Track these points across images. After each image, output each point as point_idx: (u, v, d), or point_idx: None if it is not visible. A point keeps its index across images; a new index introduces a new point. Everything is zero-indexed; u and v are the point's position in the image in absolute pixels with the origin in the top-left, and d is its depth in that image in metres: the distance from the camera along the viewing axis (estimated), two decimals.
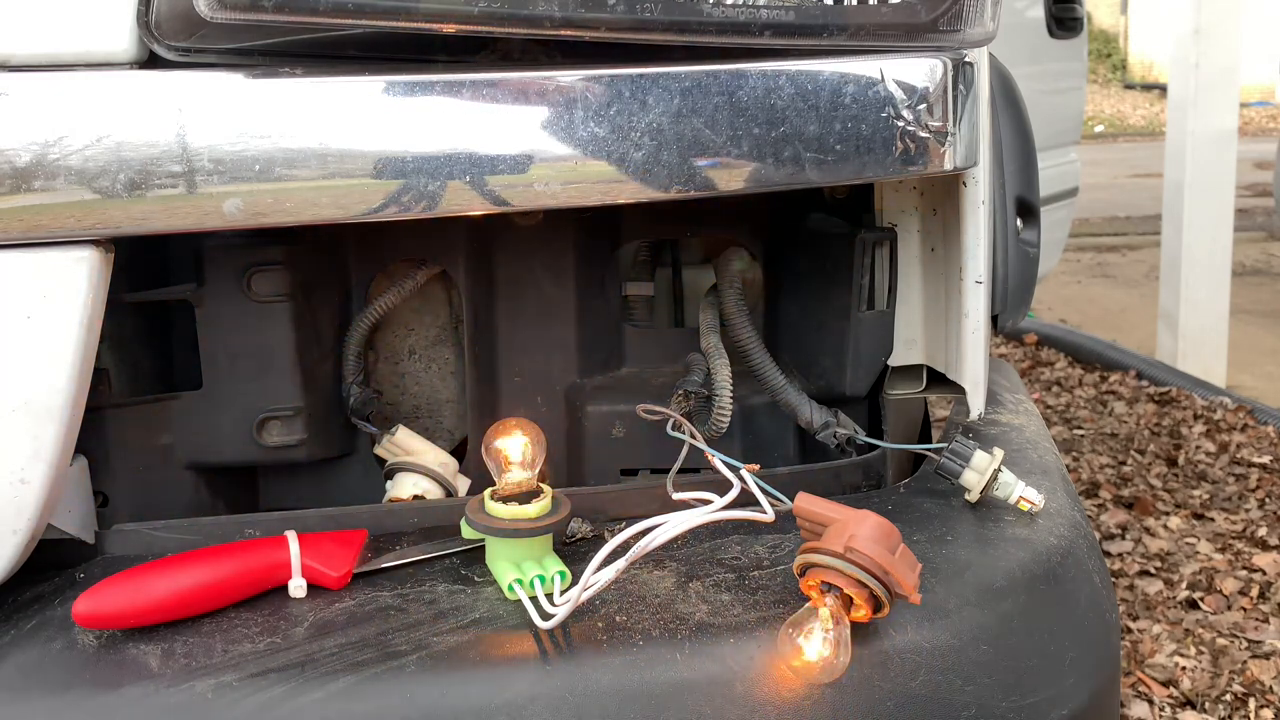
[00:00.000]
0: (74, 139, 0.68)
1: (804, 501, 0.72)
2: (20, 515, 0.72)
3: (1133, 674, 1.95)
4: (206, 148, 0.69)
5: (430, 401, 1.09)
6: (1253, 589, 2.27)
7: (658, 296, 1.13)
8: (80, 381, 0.72)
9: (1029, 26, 2.98)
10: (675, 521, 0.70)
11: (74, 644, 0.69)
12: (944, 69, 0.79)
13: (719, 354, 0.99)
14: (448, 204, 0.72)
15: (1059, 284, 5.15)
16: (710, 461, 0.81)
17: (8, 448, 0.71)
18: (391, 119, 0.71)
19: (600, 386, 1.05)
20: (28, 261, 0.69)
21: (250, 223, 0.71)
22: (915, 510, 0.84)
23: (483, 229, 1.00)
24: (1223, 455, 3.03)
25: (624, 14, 0.70)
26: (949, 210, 0.91)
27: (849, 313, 0.95)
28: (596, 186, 0.74)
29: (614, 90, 0.73)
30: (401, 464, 0.98)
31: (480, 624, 0.70)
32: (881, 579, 0.65)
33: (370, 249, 1.03)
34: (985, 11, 0.80)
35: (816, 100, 0.76)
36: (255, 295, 0.94)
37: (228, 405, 0.95)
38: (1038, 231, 2.08)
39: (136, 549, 0.82)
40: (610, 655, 0.67)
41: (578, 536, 0.82)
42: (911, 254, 0.97)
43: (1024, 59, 2.79)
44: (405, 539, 0.83)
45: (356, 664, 0.66)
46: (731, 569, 0.76)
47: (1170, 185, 3.88)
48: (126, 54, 0.70)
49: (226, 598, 0.73)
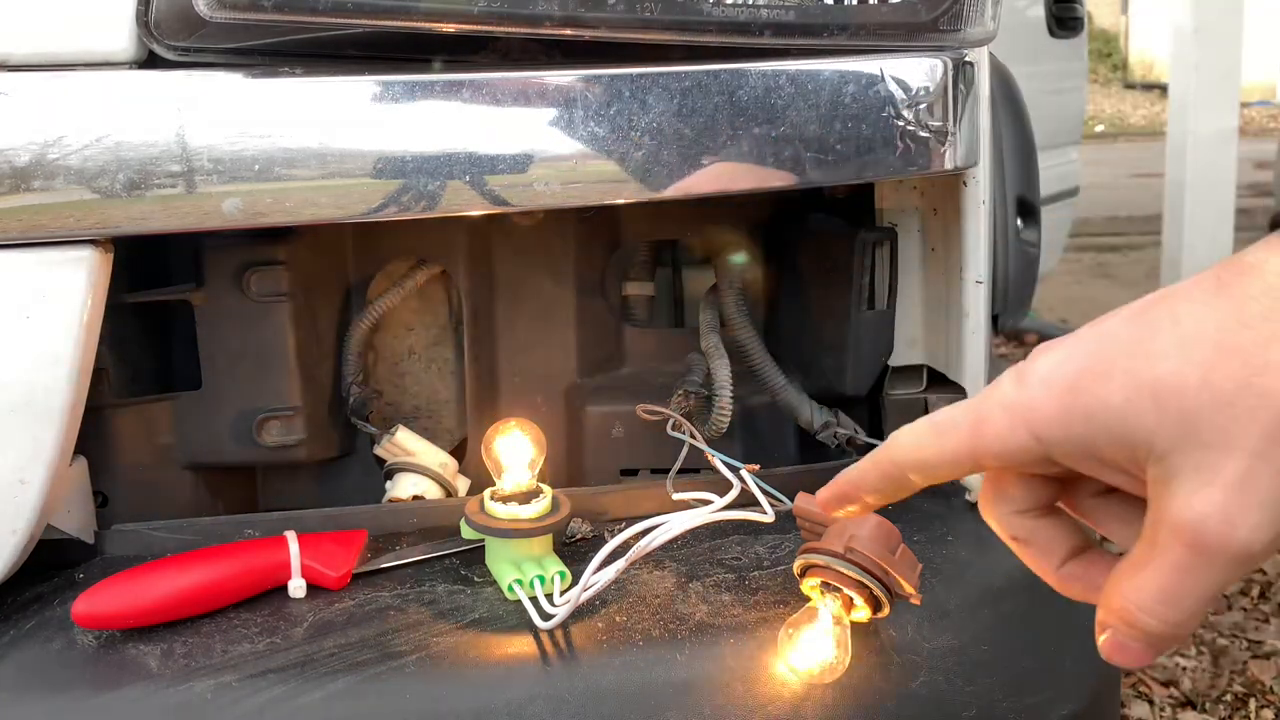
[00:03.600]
0: (73, 138, 0.68)
1: (804, 502, 0.72)
2: (19, 515, 0.72)
3: (1133, 674, 1.95)
4: (206, 147, 0.69)
5: (430, 401, 1.09)
6: (1253, 589, 2.27)
7: (658, 296, 1.13)
8: (80, 381, 0.72)
9: (1029, 26, 2.98)
10: (675, 522, 0.70)
11: (73, 644, 0.69)
12: (944, 69, 0.79)
13: (719, 354, 0.99)
14: (448, 204, 0.72)
15: (1059, 284, 5.15)
16: (710, 461, 0.81)
17: (7, 448, 0.71)
18: (391, 119, 0.71)
19: (600, 386, 1.05)
20: (27, 261, 0.69)
21: (250, 222, 0.71)
22: (915, 510, 0.84)
23: (483, 229, 1.00)
24: None
25: (624, 14, 0.70)
26: (949, 210, 0.91)
27: (849, 312, 0.95)
28: (596, 186, 0.74)
29: (614, 90, 0.73)
30: (401, 464, 0.98)
31: (480, 624, 0.70)
32: (882, 579, 0.65)
33: (370, 249, 1.02)
34: (985, 11, 0.80)
35: (817, 100, 0.76)
36: (254, 295, 0.94)
37: (227, 405, 0.95)
38: (1038, 231, 2.08)
39: (136, 549, 0.82)
40: (610, 655, 0.67)
41: (578, 536, 0.82)
42: (912, 254, 0.97)
43: (1024, 59, 2.79)
44: (405, 539, 0.83)
45: (356, 664, 0.66)
46: (731, 569, 0.76)
47: (1171, 185, 3.88)
48: (126, 54, 0.69)
49: (226, 598, 0.73)
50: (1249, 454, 0.40)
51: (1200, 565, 0.42)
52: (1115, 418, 0.42)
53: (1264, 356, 0.40)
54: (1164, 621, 0.43)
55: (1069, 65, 3.22)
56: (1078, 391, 0.43)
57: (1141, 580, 0.43)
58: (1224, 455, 0.40)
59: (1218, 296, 0.42)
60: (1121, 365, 0.43)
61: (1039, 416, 0.45)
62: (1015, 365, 0.47)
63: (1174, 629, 0.43)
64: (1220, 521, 0.40)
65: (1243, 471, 0.40)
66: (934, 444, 0.49)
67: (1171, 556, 0.42)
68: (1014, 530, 0.51)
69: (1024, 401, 0.45)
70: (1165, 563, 0.42)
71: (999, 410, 0.46)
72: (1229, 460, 0.40)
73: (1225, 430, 0.40)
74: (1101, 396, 0.43)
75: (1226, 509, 0.40)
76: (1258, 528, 0.40)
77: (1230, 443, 0.40)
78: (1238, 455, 0.40)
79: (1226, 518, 0.40)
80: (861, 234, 0.94)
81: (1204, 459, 0.41)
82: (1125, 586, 0.44)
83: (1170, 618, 0.43)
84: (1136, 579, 0.44)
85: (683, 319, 1.14)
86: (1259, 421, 0.40)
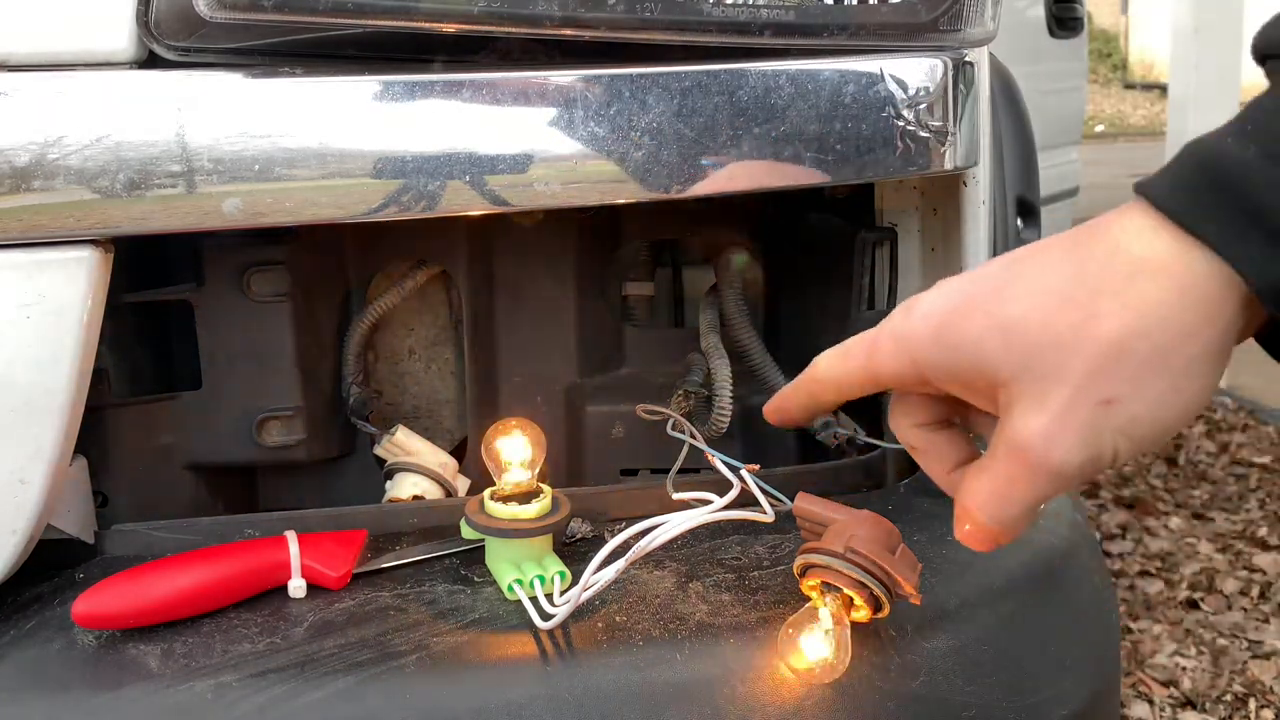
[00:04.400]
0: (73, 138, 0.68)
1: (804, 502, 0.72)
2: (19, 515, 0.72)
3: (1133, 674, 1.95)
4: (206, 147, 0.69)
5: (430, 401, 1.09)
6: (1253, 589, 2.27)
7: (658, 296, 1.13)
8: (80, 381, 0.72)
9: (1029, 26, 2.98)
10: (675, 521, 0.70)
11: (73, 644, 0.69)
12: (944, 69, 0.79)
13: (719, 354, 0.99)
14: (448, 204, 0.72)
15: None
16: (710, 461, 0.80)
17: (7, 448, 0.71)
18: (391, 119, 0.71)
19: (600, 386, 1.05)
20: (27, 261, 0.69)
21: (250, 223, 0.71)
22: (915, 510, 0.84)
23: (483, 229, 1.00)
24: (1223, 455, 3.03)
25: (624, 14, 0.70)
26: (949, 210, 0.91)
27: (849, 312, 0.95)
28: (596, 186, 0.74)
29: (614, 90, 0.73)
30: (401, 464, 0.98)
31: (480, 624, 0.70)
32: (882, 579, 0.65)
33: (370, 249, 1.02)
34: (985, 11, 0.80)
35: (816, 100, 0.76)
36: (255, 295, 0.94)
37: (227, 405, 0.95)
38: (1038, 231, 2.08)
39: (136, 549, 0.82)
40: (610, 655, 0.67)
41: (578, 536, 0.82)
42: (912, 254, 0.97)
43: (1024, 59, 2.79)
44: (405, 539, 0.83)
45: (356, 664, 0.66)
46: (731, 569, 0.76)
47: None
48: (126, 53, 0.69)
49: (226, 598, 0.73)
50: (1073, 387, 0.47)
51: (1023, 477, 0.49)
52: (973, 349, 0.50)
53: (1093, 307, 0.47)
54: (993, 519, 0.52)
55: (1069, 65, 3.22)
56: (947, 325, 0.51)
57: (980, 484, 0.52)
58: (1054, 386, 0.48)
59: (1070, 254, 0.49)
60: (983, 306, 0.50)
61: (916, 344, 0.53)
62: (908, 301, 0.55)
63: (1001, 526, 0.52)
64: (1043, 441, 0.48)
65: (1066, 401, 0.47)
66: (841, 366, 0.58)
67: (1004, 467, 0.50)
68: (912, 440, 0.60)
69: (906, 331, 0.53)
70: (999, 472, 0.50)
71: (888, 338, 0.54)
72: (1057, 391, 0.48)
73: (1057, 365, 0.48)
74: (964, 330, 0.50)
75: (1048, 432, 0.48)
76: (1070, 450, 0.48)
77: (1060, 376, 0.47)
78: (1064, 388, 0.47)
79: (1047, 440, 0.48)
80: (861, 234, 0.94)
81: (1038, 389, 0.48)
82: (971, 486, 0.52)
83: (998, 516, 0.51)
84: (977, 481, 0.52)
85: (683, 319, 1.14)
86: (1083, 359, 0.47)
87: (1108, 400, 0.47)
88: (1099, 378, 0.47)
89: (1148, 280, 0.47)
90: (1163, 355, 0.46)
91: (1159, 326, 0.46)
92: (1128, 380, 0.47)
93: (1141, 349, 0.46)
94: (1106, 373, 0.47)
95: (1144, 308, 0.46)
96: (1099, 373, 0.47)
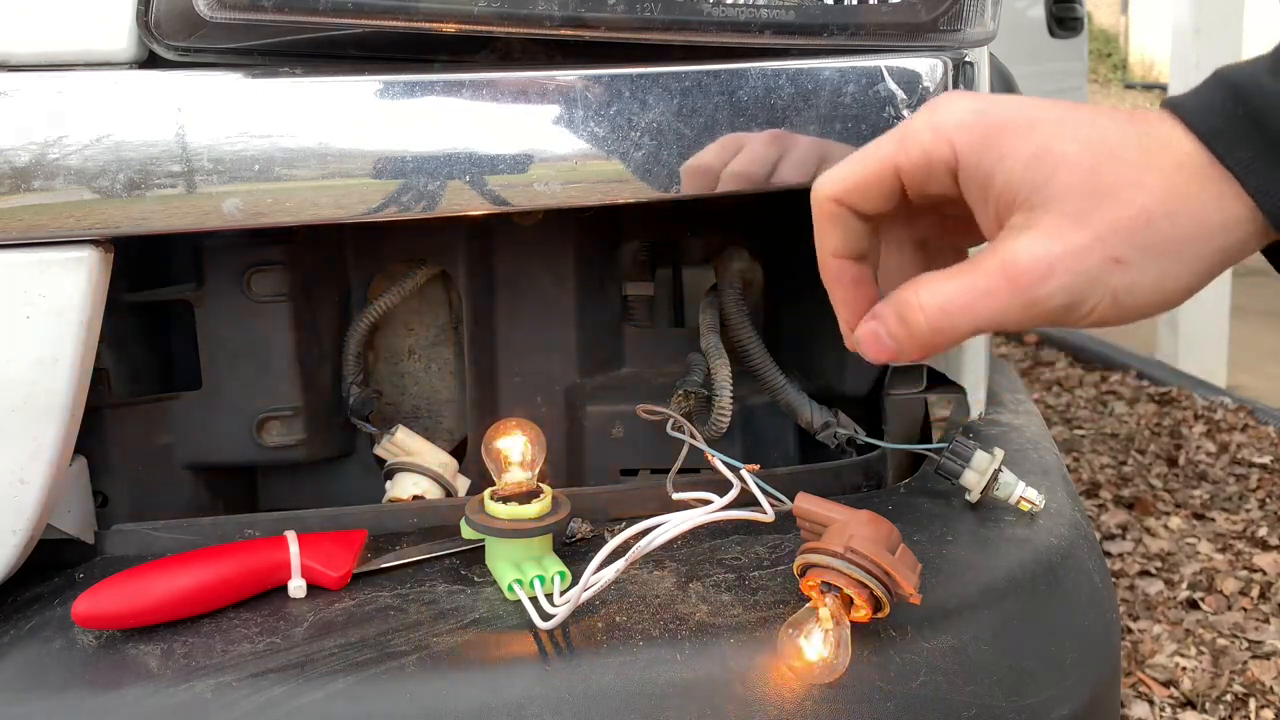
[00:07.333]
0: (73, 138, 0.68)
1: (804, 501, 0.72)
2: (19, 515, 0.72)
3: (1133, 674, 1.95)
4: (206, 147, 0.69)
5: (430, 401, 1.09)
6: (1253, 589, 2.27)
7: (658, 296, 1.13)
8: (80, 381, 0.72)
9: (1029, 26, 2.98)
10: (675, 521, 0.70)
11: (73, 644, 0.69)
12: (944, 68, 0.79)
13: (719, 354, 0.99)
14: (448, 204, 0.72)
15: None
16: (710, 461, 0.80)
17: (7, 448, 0.71)
18: (391, 119, 0.71)
19: (600, 386, 1.05)
20: (27, 261, 0.69)
21: (250, 223, 0.71)
22: (915, 510, 0.84)
23: (482, 229, 1.00)
24: (1223, 455, 3.03)
25: (624, 14, 0.70)
26: None
27: None
28: (596, 186, 0.74)
29: (614, 90, 0.73)
30: (401, 464, 0.98)
31: (480, 624, 0.70)
32: (882, 579, 0.65)
33: (370, 249, 1.03)
34: (986, 11, 0.80)
35: (816, 100, 0.76)
36: (255, 295, 0.94)
37: (227, 405, 0.95)
38: None
39: (136, 549, 0.82)
40: (610, 655, 0.67)
41: (578, 536, 0.82)
42: None
43: (1024, 59, 2.79)
44: (405, 539, 0.83)
45: (356, 664, 0.66)
46: (731, 569, 0.76)
47: None
48: (126, 54, 0.70)
49: (226, 598, 0.73)
50: (1094, 235, 0.50)
51: (1001, 294, 0.51)
52: (1018, 165, 0.52)
53: (1139, 176, 0.50)
54: (930, 326, 0.53)
55: (1069, 65, 3.22)
56: (1005, 132, 0.53)
57: (941, 287, 0.53)
58: (1077, 226, 0.50)
59: (1129, 125, 0.52)
60: (1043, 130, 0.52)
61: (965, 137, 0.53)
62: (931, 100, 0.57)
63: (931, 336, 0.54)
64: (1045, 267, 0.50)
65: (1083, 243, 0.50)
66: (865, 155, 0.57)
67: (983, 279, 0.52)
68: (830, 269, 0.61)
69: (955, 120, 0.54)
70: (974, 281, 0.52)
71: (926, 128, 0.55)
72: (1078, 231, 0.50)
73: (1089, 210, 0.50)
74: (1017, 145, 0.52)
75: (1053, 261, 0.50)
76: (1061, 287, 0.50)
77: (1087, 221, 0.50)
78: (1086, 231, 0.50)
79: (1049, 268, 0.50)
80: None
81: (1062, 224, 0.51)
82: (924, 289, 0.54)
83: (947, 324, 0.53)
84: (937, 284, 0.53)
85: (683, 319, 1.14)
86: (1114, 213, 0.50)
87: (1118, 259, 0.50)
88: (1121, 235, 0.50)
89: (1187, 177, 0.50)
90: (1179, 243, 0.50)
91: (1187, 218, 0.50)
92: (1142, 249, 0.50)
93: (1164, 229, 0.50)
94: (1129, 234, 0.50)
95: (1178, 197, 0.50)
96: (1122, 231, 0.50)
